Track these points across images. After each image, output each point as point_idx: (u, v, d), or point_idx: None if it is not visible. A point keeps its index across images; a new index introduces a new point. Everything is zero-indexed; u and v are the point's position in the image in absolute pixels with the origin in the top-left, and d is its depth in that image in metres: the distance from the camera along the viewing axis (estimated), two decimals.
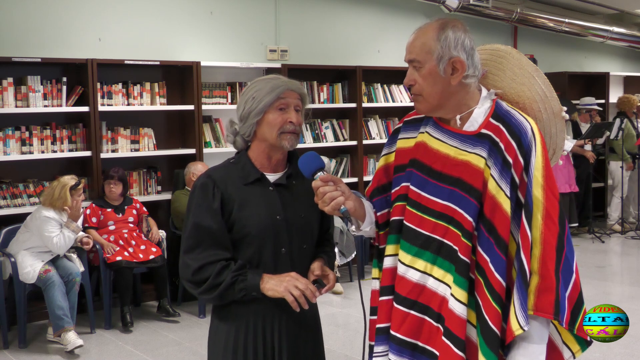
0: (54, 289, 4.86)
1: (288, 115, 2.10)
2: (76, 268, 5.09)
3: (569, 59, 9.97)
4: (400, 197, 2.02)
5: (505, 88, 2.03)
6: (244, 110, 2.13)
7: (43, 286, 4.89)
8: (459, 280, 1.88)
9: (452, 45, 1.89)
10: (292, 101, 2.12)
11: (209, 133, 6.33)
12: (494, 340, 1.84)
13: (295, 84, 2.15)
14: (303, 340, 2.18)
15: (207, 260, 2.05)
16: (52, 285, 4.86)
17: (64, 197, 5.01)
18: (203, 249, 2.06)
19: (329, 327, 5.23)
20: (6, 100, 5.33)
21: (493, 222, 1.87)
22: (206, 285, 2.04)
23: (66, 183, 5.05)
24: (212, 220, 2.07)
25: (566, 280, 1.88)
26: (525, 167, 1.88)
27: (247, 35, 6.81)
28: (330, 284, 2.13)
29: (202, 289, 2.06)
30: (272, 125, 2.10)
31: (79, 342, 4.77)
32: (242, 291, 2.03)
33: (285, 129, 2.10)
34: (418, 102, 1.98)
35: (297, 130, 2.12)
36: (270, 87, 2.11)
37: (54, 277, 4.90)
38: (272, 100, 2.09)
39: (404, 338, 1.97)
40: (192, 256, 2.07)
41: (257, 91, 2.12)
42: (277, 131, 2.09)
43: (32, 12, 5.65)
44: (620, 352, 4.61)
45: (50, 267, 4.96)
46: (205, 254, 2.05)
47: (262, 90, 2.11)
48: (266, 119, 2.10)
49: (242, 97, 2.16)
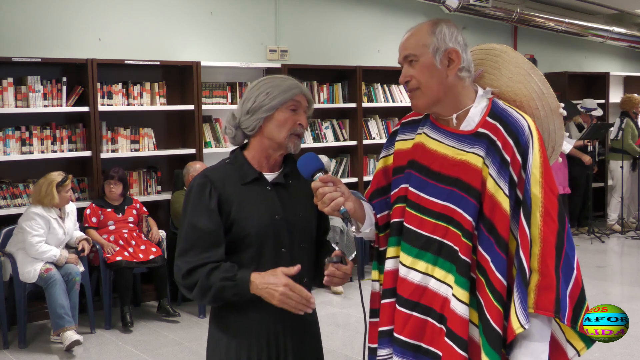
0: (56, 287, 4.85)
1: (299, 117, 2.10)
2: (76, 268, 5.09)
3: (569, 59, 9.97)
4: (399, 199, 2.02)
5: (502, 86, 2.03)
6: (254, 103, 2.08)
7: (44, 285, 4.88)
8: (460, 280, 1.88)
9: (447, 37, 1.91)
10: (303, 105, 2.12)
11: (209, 133, 6.34)
12: (496, 340, 1.84)
13: (306, 89, 2.16)
14: (306, 350, 2.16)
15: (197, 264, 2.00)
16: (54, 283, 4.86)
17: (51, 193, 4.98)
18: (196, 251, 2.02)
19: (329, 327, 5.23)
20: (6, 100, 5.33)
21: (493, 221, 1.87)
22: (196, 289, 2.01)
23: (53, 179, 5.02)
24: (208, 220, 2.03)
25: (567, 277, 1.88)
26: (523, 165, 1.88)
27: (247, 35, 6.81)
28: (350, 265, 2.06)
29: (194, 294, 2.03)
30: (281, 124, 2.08)
31: (76, 337, 4.76)
32: (235, 295, 1.99)
33: (294, 130, 2.09)
34: (416, 98, 1.97)
35: (303, 134, 2.14)
36: (287, 86, 2.09)
37: (55, 276, 4.89)
38: (286, 99, 2.07)
39: (408, 340, 1.97)
40: (184, 259, 2.03)
41: (272, 87, 2.09)
42: (287, 131, 2.08)
43: (32, 12, 5.65)
44: (620, 352, 4.61)
45: (51, 266, 4.95)
46: (197, 257, 2.01)
47: (278, 87, 2.09)
48: (276, 116, 2.08)
49: (252, 91, 2.12)
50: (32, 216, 4.96)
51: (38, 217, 4.96)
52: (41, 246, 4.94)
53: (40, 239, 4.94)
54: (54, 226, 5.04)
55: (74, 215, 5.31)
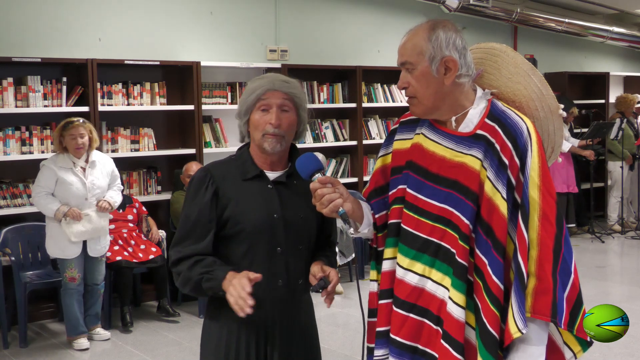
0: (73, 299, 4.85)
1: (268, 117, 2.07)
2: (102, 277, 5.02)
3: (569, 59, 9.96)
4: (397, 200, 2.01)
5: (501, 87, 2.02)
6: (238, 109, 2.15)
7: (63, 290, 4.86)
8: (457, 283, 1.88)
9: (444, 44, 1.88)
10: (274, 101, 2.08)
11: (209, 133, 6.34)
12: (493, 344, 1.84)
13: (283, 82, 2.10)
14: (295, 346, 2.16)
15: (184, 254, 2.07)
16: (71, 294, 4.84)
17: (56, 140, 4.78)
18: (186, 242, 2.08)
19: (329, 327, 5.23)
20: (6, 100, 5.33)
21: (490, 224, 1.87)
22: (180, 279, 2.08)
23: (62, 123, 4.80)
24: (200, 213, 2.07)
25: (564, 281, 1.88)
26: (521, 168, 1.87)
27: (247, 35, 6.81)
28: (334, 280, 2.07)
29: (178, 282, 2.09)
30: (255, 126, 2.10)
31: (86, 345, 4.85)
32: (210, 290, 2.02)
33: (265, 130, 2.08)
34: (413, 105, 1.97)
35: (277, 133, 2.08)
36: (254, 88, 2.10)
37: (74, 288, 4.83)
38: (253, 101, 2.09)
39: (404, 341, 1.97)
40: (176, 249, 2.10)
41: (247, 90, 2.13)
42: (260, 133, 2.09)
43: (32, 12, 5.65)
44: (620, 352, 4.61)
45: (76, 275, 4.82)
46: (186, 248, 2.07)
47: (248, 90, 2.12)
48: (251, 119, 2.11)
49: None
50: (40, 169, 4.78)
51: (45, 170, 4.74)
52: (41, 197, 4.70)
53: (40, 190, 4.71)
54: (66, 178, 4.74)
55: (105, 168, 4.95)
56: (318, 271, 2.09)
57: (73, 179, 4.79)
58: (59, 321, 5.47)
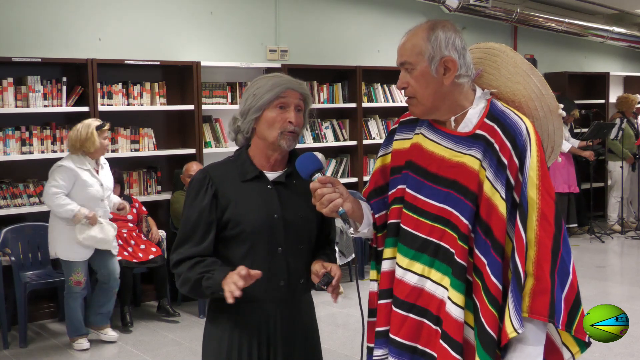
0: (76, 302, 4.84)
1: (288, 115, 2.08)
2: (117, 274, 4.96)
3: (569, 59, 9.96)
4: (396, 200, 2.01)
5: (501, 87, 2.02)
6: (244, 106, 2.13)
7: (67, 293, 4.84)
8: (456, 283, 1.88)
9: (443, 44, 1.88)
10: (292, 101, 2.10)
11: (209, 133, 6.34)
12: (491, 343, 1.84)
13: (298, 83, 2.13)
14: (297, 346, 2.16)
15: (184, 256, 2.07)
16: (75, 297, 4.83)
17: (92, 137, 4.65)
18: (187, 245, 2.08)
19: (329, 327, 5.23)
20: (6, 100, 5.33)
21: (489, 224, 1.87)
22: (180, 280, 2.08)
23: (90, 123, 4.71)
24: (200, 215, 2.07)
25: (562, 281, 1.88)
26: (520, 168, 1.87)
27: (247, 35, 6.81)
28: (337, 274, 2.07)
29: (178, 284, 2.10)
30: (270, 123, 2.09)
31: (86, 346, 4.85)
32: (209, 289, 2.01)
33: (285, 128, 2.08)
34: (412, 106, 1.97)
35: (295, 131, 2.10)
36: (271, 85, 2.09)
37: (79, 292, 4.82)
38: (271, 98, 2.08)
39: (403, 341, 1.97)
40: (177, 251, 2.10)
41: (258, 88, 2.11)
42: (277, 130, 2.08)
43: (32, 12, 5.65)
44: (620, 352, 4.61)
45: (82, 279, 4.77)
46: (187, 250, 2.07)
47: (263, 87, 2.10)
48: (265, 116, 2.09)
49: (244, 94, 2.16)
50: (57, 169, 4.67)
51: (64, 170, 4.66)
52: (59, 197, 4.61)
53: (58, 190, 4.62)
54: (85, 179, 4.71)
55: (109, 170, 5.03)
56: (320, 269, 2.10)
57: (92, 180, 4.78)
58: (59, 321, 5.47)
